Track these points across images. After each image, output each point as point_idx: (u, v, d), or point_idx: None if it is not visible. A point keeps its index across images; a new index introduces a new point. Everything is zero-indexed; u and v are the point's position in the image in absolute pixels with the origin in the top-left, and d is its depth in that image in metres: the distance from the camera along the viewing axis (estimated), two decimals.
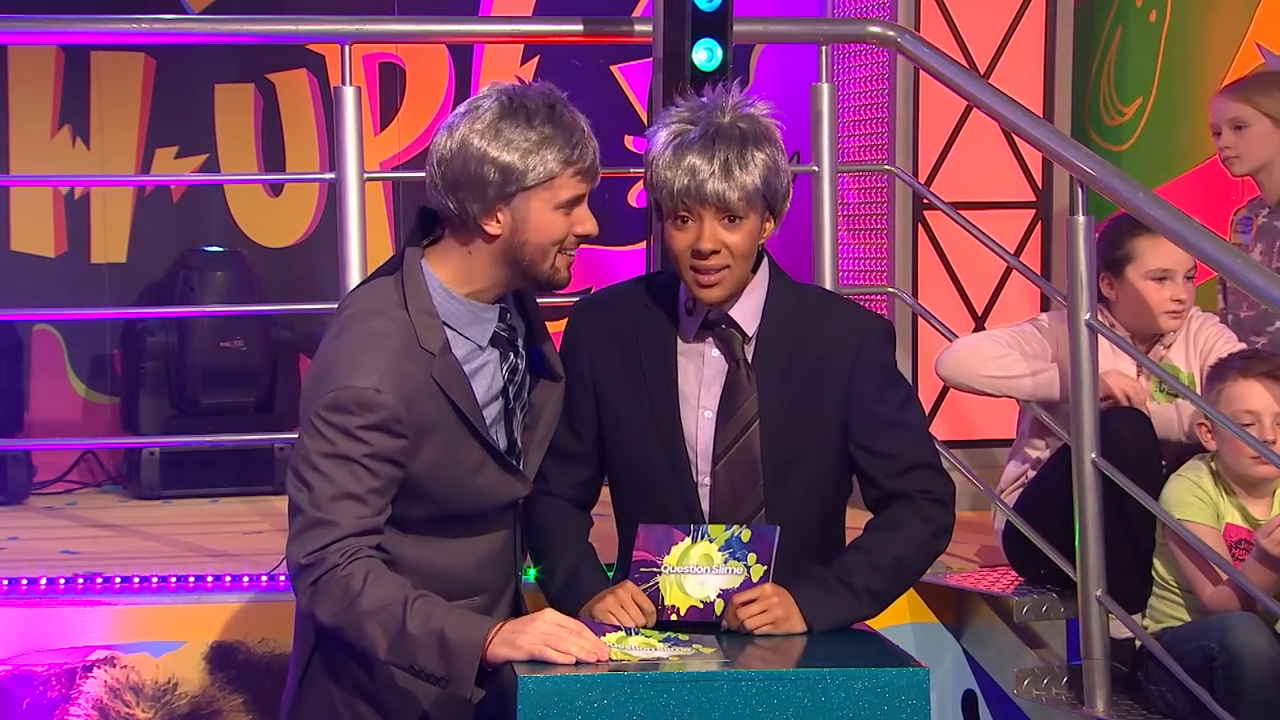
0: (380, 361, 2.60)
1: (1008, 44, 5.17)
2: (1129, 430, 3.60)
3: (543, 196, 2.66)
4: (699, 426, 2.78)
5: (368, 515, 2.60)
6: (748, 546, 2.68)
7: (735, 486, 2.76)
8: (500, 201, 2.65)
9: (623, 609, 2.67)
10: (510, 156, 2.63)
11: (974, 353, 3.74)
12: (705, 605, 2.68)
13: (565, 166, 2.65)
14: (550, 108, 2.66)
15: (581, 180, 2.68)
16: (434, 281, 2.70)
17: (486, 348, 2.73)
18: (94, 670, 3.72)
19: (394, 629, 2.50)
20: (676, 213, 2.73)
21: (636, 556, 2.71)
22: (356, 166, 4.02)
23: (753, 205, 2.72)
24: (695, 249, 2.71)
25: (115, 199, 5.73)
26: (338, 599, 2.54)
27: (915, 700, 2.44)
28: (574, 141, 2.66)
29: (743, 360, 2.79)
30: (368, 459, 2.58)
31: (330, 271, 4.15)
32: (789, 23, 5.12)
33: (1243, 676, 3.29)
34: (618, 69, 5.80)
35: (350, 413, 2.57)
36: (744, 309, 2.80)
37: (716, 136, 2.71)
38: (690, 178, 2.69)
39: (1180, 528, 3.47)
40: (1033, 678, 3.80)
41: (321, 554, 2.57)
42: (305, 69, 5.80)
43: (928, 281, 5.14)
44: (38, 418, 5.54)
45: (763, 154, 2.72)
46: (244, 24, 4.44)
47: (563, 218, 2.68)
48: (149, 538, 4.56)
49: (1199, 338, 3.84)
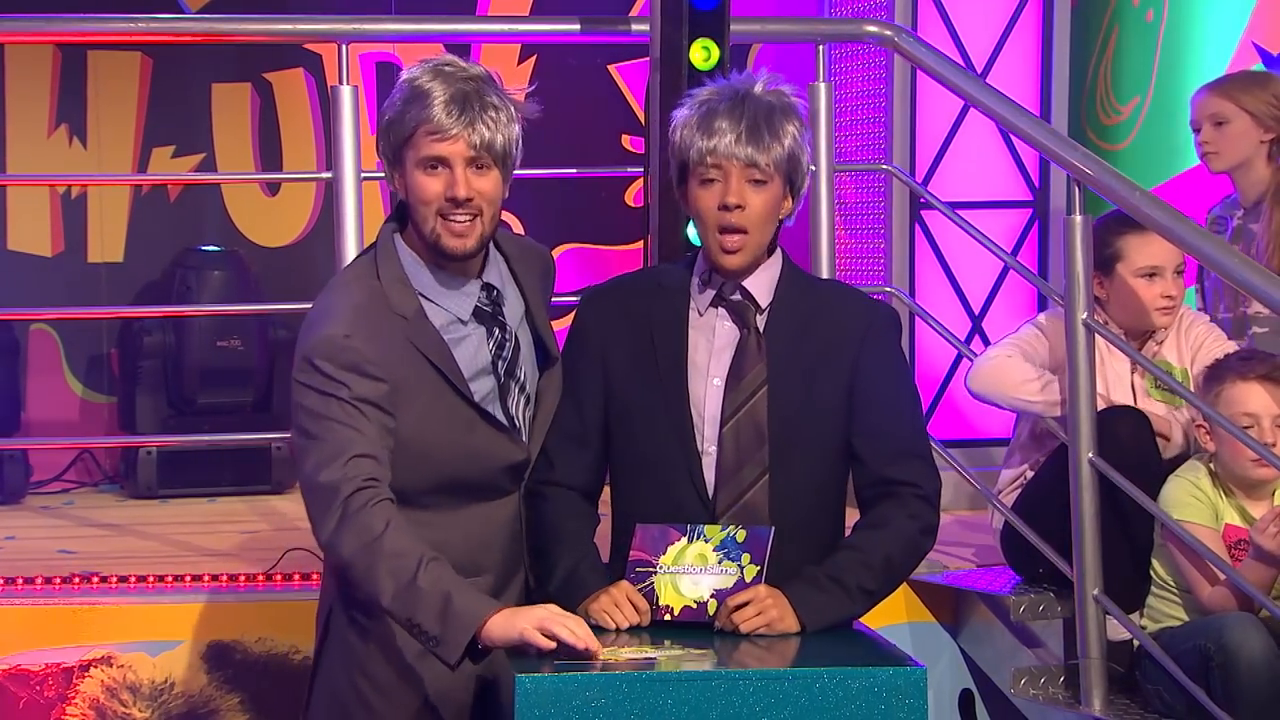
0: (346, 314, 2.67)
1: (1005, 43, 5.17)
2: (1127, 430, 3.60)
3: (410, 155, 2.70)
4: (707, 394, 2.79)
5: (370, 450, 2.61)
6: (742, 547, 2.69)
7: (741, 451, 2.76)
8: (394, 163, 2.73)
9: (617, 608, 2.67)
10: (391, 110, 2.71)
11: (1007, 375, 3.74)
12: (699, 605, 2.68)
13: (420, 124, 2.66)
14: (440, 69, 2.69)
15: (438, 141, 2.66)
16: (405, 252, 2.75)
17: (469, 321, 2.75)
18: (91, 670, 3.72)
19: (405, 578, 2.51)
20: (704, 174, 2.76)
21: (633, 556, 2.71)
22: (354, 166, 4.02)
23: (778, 170, 2.76)
24: (723, 203, 2.74)
25: (112, 198, 5.73)
26: (360, 533, 2.55)
27: (912, 699, 2.44)
28: (437, 102, 2.65)
29: (754, 328, 2.81)
30: (354, 400, 2.62)
31: (327, 271, 4.15)
32: (786, 22, 5.12)
33: (1239, 676, 3.30)
34: (615, 68, 5.80)
35: (324, 358, 2.64)
36: (758, 282, 2.83)
37: (747, 100, 2.76)
38: (719, 137, 2.74)
39: (1178, 528, 3.47)
40: (1030, 677, 3.80)
41: (340, 475, 2.58)
42: (302, 68, 5.80)
43: (925, 280, 5.14)
44: (35, 417, 5.53)
45: (791, 126, 2.77)
46: (241, 23, 4.45)
47: (427, 177, 2.68)
48: (146, 537, 4.56)
49: (1190, 334, 3.84)
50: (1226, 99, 4.04)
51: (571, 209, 5.71)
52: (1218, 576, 3.44)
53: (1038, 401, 3.70)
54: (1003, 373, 3.74)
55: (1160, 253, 3.72)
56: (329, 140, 4.10)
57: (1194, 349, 3.82)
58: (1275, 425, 3.45)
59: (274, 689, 3.76)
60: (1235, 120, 4.03)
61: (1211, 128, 4.05)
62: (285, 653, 3.77)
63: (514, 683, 2.40)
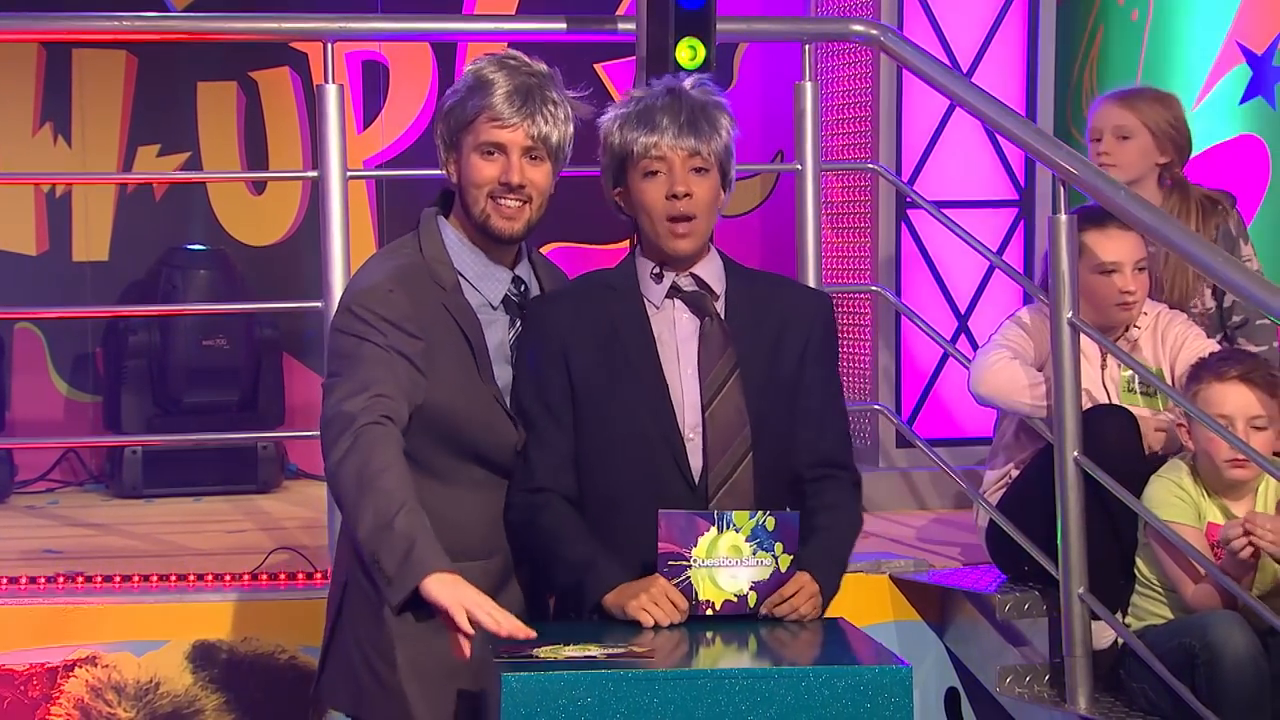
0: (393, 274, 2.78)
1: (990, 43, 5.18)
2: (1114, 430, 3.61)
3: (468, 141, 2.82)
4: (683, 384, 2.84)
5: (394, 392, 2.68)
6: (773, 535, 2.73)
7: (726, 433, 2.81)
8: (451, 147, 2.85)
9: (656, 605, 2.69)
10: (454, 97, 2.84)
11: (1012, 380, 3.75)
12: (739, 599, 2.72)
13: (481, 111, 2.79)
14: (505, 61, 2.83)
15: (498, 128, 2.79)
16: (449, 231, 2.87)
17: (498, 308, 2.85)
18: (75, 669, 3.71)
19: (385, 517, 2.55)
20: (647, 167, 2.83)
21: (662, 549, 2.72)
22: (339, 164, 4.02)
23: (716, 161, 2.84)
24: (671, 193, 2.81)
25: (97, 197, 5.72)
26: (362, 465, 2.60)
27: (898, 698, 2.45)
28: (499, 92, 2.79)
29: (714, 315, 2.87)
30: (388, 349, 2.70)
31: (313, 270, 4.14)
32: (772, 21, 5.13)
33: (1224, 674, 3.31)
34: (601, 67, 5.80)
35: (367, 308, 2.73)
36: (709, 271, 2.90)
37: (681, 95, 2.85)
38: (660, 130, 2.81)
39: (1163, 526, 3.48)
40: (1015, 675, 3.81)
41: (362, 406, 2.64)
42: (288, 67, 5.79)
43: (911, 279, 5.15)
44: (19, 416, 5.52)
45: (724, 121, 2.86)
46: (226, 22, 4.44)
47: (483, 161, 2.80)
48: (131, 536, 4.55)
49: (1167, 334, 3.85)
50: (1132, 113, 4.04)
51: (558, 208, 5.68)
52: (1200, 574, 3.45)
53: (1040, 405, 3.71)
54: (1006, 378, 3.75)
55: (1119, 249, 3.74)
56: (315, 139, 4.08)
57: (1174, 348, 3.83)
58: (1250, 426, 3.46)
59: (259, 689, 3.75)
60: (1138, 136, 4.04)
61: (1114, 140, 4.04)
62: (270, 652, 3.77)
63: (500, 681, 2.40)
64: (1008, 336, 3.85)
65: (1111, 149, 4.04)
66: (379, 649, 2.78)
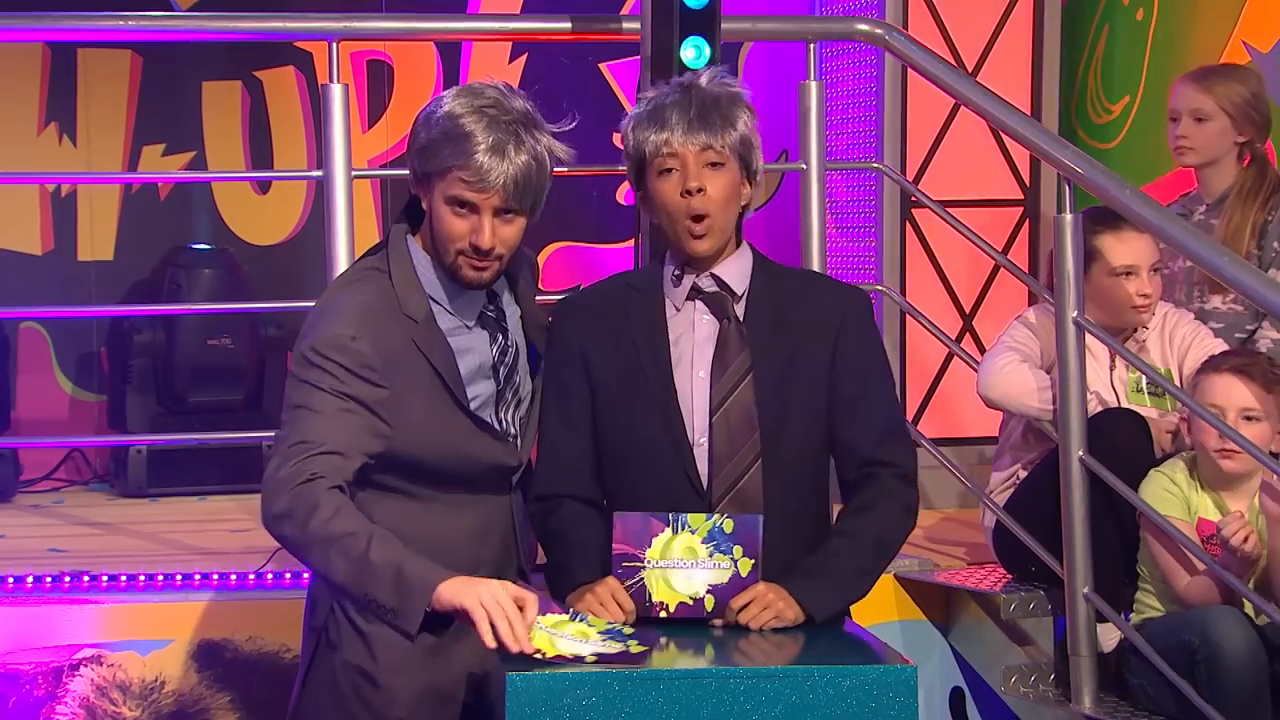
0: (355, 314, 2.68)
1: (995, 42, 5.18)
2: (1122, 432, 3.60)
3: (439, 187, 2.71)
4: (694, 388, 2.80)
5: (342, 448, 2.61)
6: (731, 538, 2.68)
7: (733, 438, 2.77)
8: (422, 179, 2.74)
9: (602, 606, 2.67)
10: (429, 136, 2.70)
11: (1021, 383, 3.75)
12: (695, 602, 2.68)
13: (458, 169, 2.67)
14: (484, 110, 2.68)
15: (466, 188, 2.67)
16: (418, 254, 2.77)
17: (474, 326, 2.78)
18: (81, 669, 3.71)
19: (356, 555, 2.51)
20: (661, 165, 2.79)
21: (616, 550, 2.70)
22: (344, 164, 4.02)
23: (733, 153, 2.79)
24: (684, 189, 2.76)
25: (102, 197, 5.72)
26: (304, 518, 2.54)
27: (903, 697, 2.45)
28: (477, 150, 2.65)
29: (733, 318, 2.82)
30: (343, 396, 2.63)
31: (318, 269, 4.14)
32: (777, 20, 5.13)
33: (1224, 670, 3.31)
34: (606, 66, 5.80)
35: (326, 356, 2.65)
36: (731, 270, 2.85)
37: (693, 91, 2.80)
38: (670, 127, 2.77)
39: (1163, 521, 3.48)
40: (1020, 674, 3.80)
41: (300, 466, 2.58)
42: (293, 66, 5.80)
43: (915, 279, 5.15)
44: (24, 415, 5.52)
45: (741, 113, 2.81)
46: (231, 21, 4.44)
47: (453, 216, 2.70)
48: (136, 536, 4.56)
49: (1175, 335, 3.85)
50: (1209, 95, 4.05)
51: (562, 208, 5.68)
52: (1196, 567, 3.45)
53: (1048, 409, 3.70)
54: (1015, 381, 3.75)
55: (1136, 251, 3.74)
56: (319, 138, 4.08)
57: (1181, 349, 3.83)
58: (1242, 417, 3.46)
59: (264, 688, 3.76)
60: (1215, 118, 4.04)
61: (1192, 123, 4.05)
62: (275, 651, 3.77)
63: (504, 681, 2.40)
64: (1015, 339, 3.85)
65: (1189, 131, 4.05)
66: (367, 675, 2.75)
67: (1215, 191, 4.09)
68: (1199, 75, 4.15)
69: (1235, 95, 4.04)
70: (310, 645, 2.83)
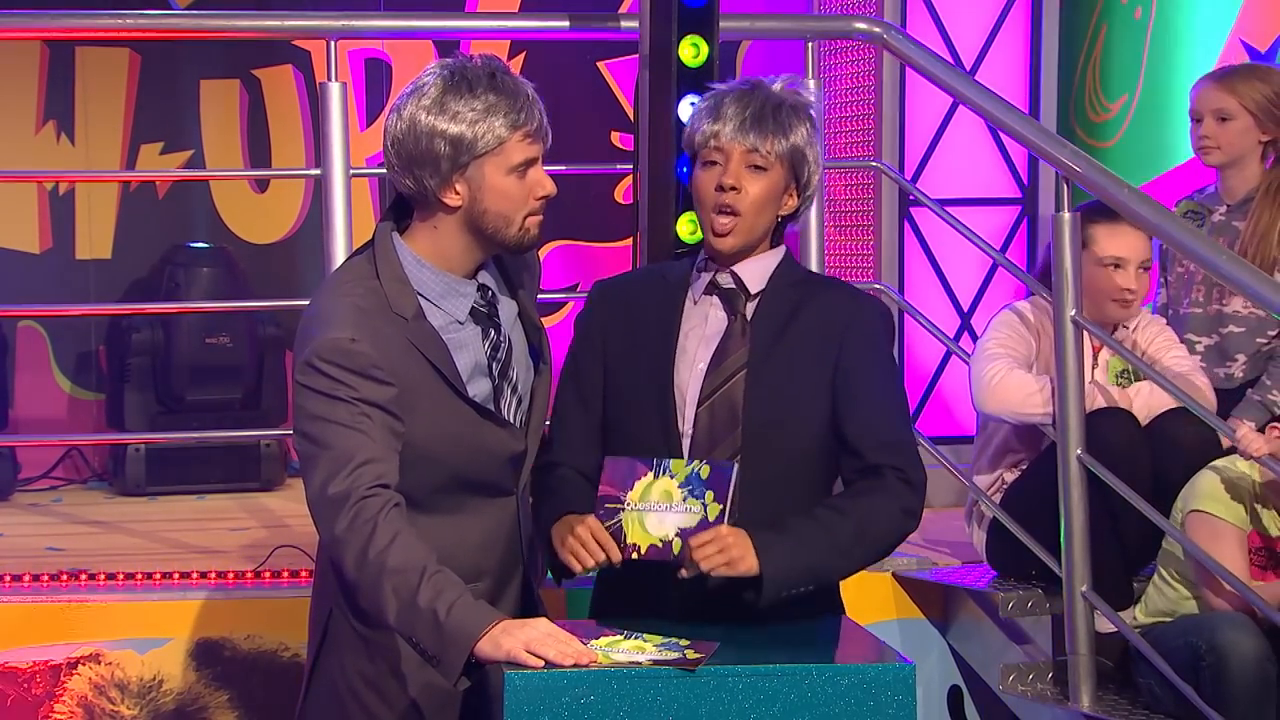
0: (350, 316, 2.66)
1: (993, 40, 5.18)
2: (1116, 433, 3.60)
3: (495, 163, 2.70)
4: (691, 377, 2.81)
5: (378, 454, 2.60)
6: (705, 484, 2.68)
7: (714, 431, 2.77)
8: (455, 173, 2.70)
9: (584, 548, 2.68)
10: (459, 128, 2.68)
11: (1014, 392, 3.73)
12: (664, 544, 2.68)
13: (513, 130, 2.69)
14: (491, 75, 2.70)
15: (531, 142, 2.71)
16: (406, 253, 2.75)
17: (466, 321, 2.77)
18: (79, 667, 3.72)
19: (406, 596, 2.50)
20: (706, 156, 2.81)
21: (601, 491, 2.71)
22: (342, 162, 4.02)
23: (780, 160, 2.79)
24: (719, 184, 2.77)
25: (100, 195, 5.72)
26: (366, 548, 2.53)
27: (901, 696, 2.45)
28: (519, 106, 2.69)
29: (741, 315, 2.83)
30: (359, 403, 2.61)
31: (316, 267, 4.15)
32: (775, 19, 5.13)
33: (1230, 676, 3.30)
34: (604, 65, 5.80)
35: (331, 362, 2.62)
36: (752, 270, 2.85)
37: (757, 89, 2.81)
38: (724, 122, 2.78)
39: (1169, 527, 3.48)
40: (1018, 673, 3.80)
41: (348, 485, 2.56)
42: (291, 65, 5.79)
43: (914, 277, 5.15)
44: (22, 414, 5.53)
45: (801, 125, 2.81)
46: (230, 19, 4.44)
47: (517, 181, 2.72)
48: (134, 534, 4.56)
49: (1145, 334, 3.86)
50: (1231, 95, 4.04)
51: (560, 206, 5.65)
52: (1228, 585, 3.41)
53: (1050, 410, 3.69)
54: (1014, 388, 3.73)
55: (1127, 245, 3.74)
56: (318, 137, 4.08)
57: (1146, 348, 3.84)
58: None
59: (263, 686, 3.76)
60: (1239, 118, 4.03)
61: (1215, 122, 4.04)
62: (274, 650, 3.77)
63: (503, 679, 2.40)
64: (999, 339, 3.83)
65: (1212, 132, 4.04)
66: (368, 680, 2.75)
67: (1238, 193, 4.08)
68: (1220, 75, 4.14)
69: (1258, 94, 4.03)
70: (314, 646, 2.83)
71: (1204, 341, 4.03)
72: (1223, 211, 4.10)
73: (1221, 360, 4.03)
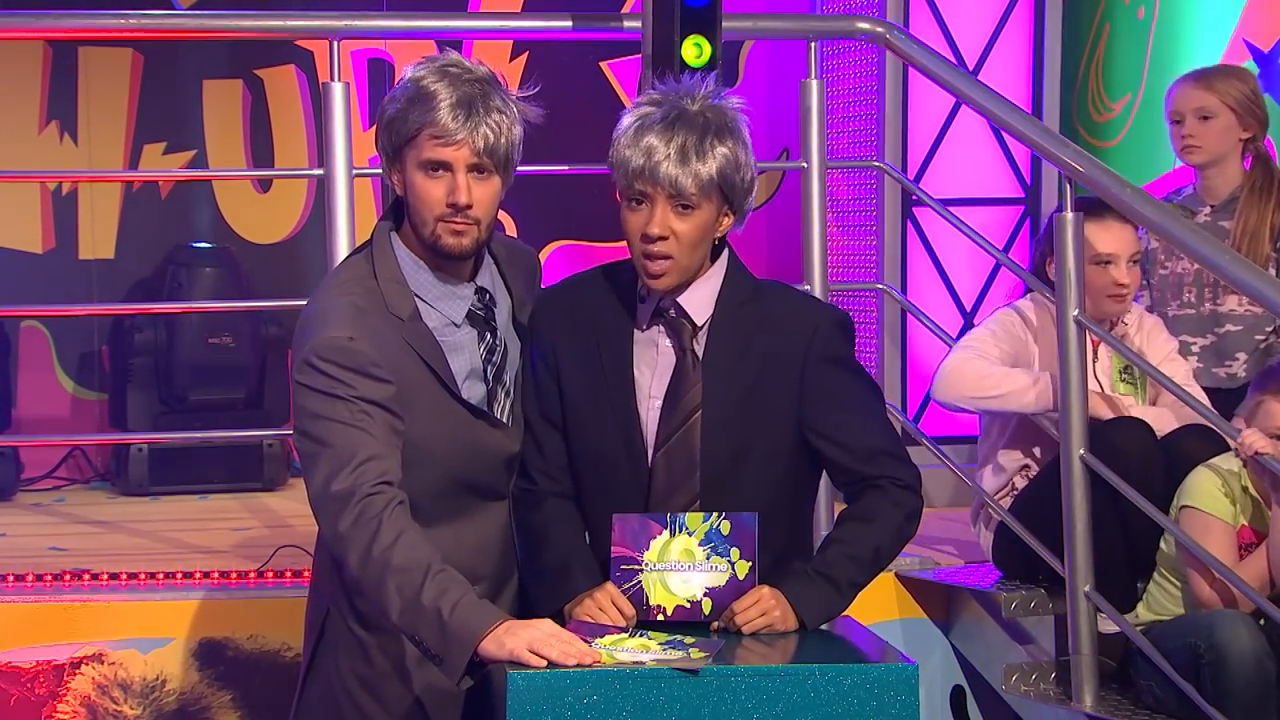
0: (347, 315, 2.66)
1: (996, 40, 5.18)
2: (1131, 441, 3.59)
3: (411, 155, 2.68)
4: (649, 414, 2.76)
5: (380, 451, 2.59)
6: (729, 540, 2.66)
7: (672, 476, 2.73)
8: (394, 159, 2.71)
9: (602, 612, 2.65)
10: (391, 111, 2.69)
11: (959, 376, 3.74)
12: (693, 604, 2.66)
13: (425, 127, 2.65)
14: (446, 69, 2.66)
15: (441, 145, 2.65)
16: (402, 253, 2.74)
17: (462, 324, 2.75)
18: (82, 667, 3.72)
19: (410, 594, 2.50)
20: (631, 194, 2.70)
21: (615, 553, 2.68)
22: (345, 162, 4.02)
23: (707, 195, 2.69)
24: (644, 233, 2.70)
25: (103, 195, 5.72)
26: (371, 546, 2.52)
27: (904, 696, 2.45)
28: (441, 106, 2.63)
29: (690, 351, 2.76)
30: (359, 400, 2.61)
31: (319, 267, 4.14)
32: (778, 19, 5.13)
33: (1230, 674, 3.30)
34: (607, 65, 5.80)
35: (330, 360, 2.62)
36: (695, 299, 2.77)
37: (678, 120, 2.68)
38: (646, 158, 2.67)
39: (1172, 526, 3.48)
40: (1021, 673, 3.80)
41: (351, 483, 2.55)
42: (294, 65, 5.80)
43: (917, 277, 5.15)
44: (25, 414, 5.53)
45: (724, 147, 2.69)
46: (232, 19, 4.44)
47: (426, 179, 2.67)
48: (137, 534, 4.56)
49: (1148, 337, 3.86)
50: (1212, 93, 4.05)
51: (563, 206, 5.71)
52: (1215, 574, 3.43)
53: (1003, 394, 3.68)
54: (958, 375, 3.74)
55: (1116, 241, 3.74)
56: (320, 137, 4.09)
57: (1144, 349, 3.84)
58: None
59: (265, 686, 3.76)
60: (1221, 115, 4.04)
61: (1196, 121, 4.05)
62: (277, 650, 3.78)
63: (506, 679, 2.40)
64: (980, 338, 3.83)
65: (1195, 131, 4.05)
66: (363, 680, 2.75)
67: (1220, 193, 4.08)
68: (1198, 75, 4.15)
69: (1237, 91, 4.05)
70: (310, 645, 2.83)
71: (1199, 342, 4.03)
72: (1207, 212, 4.10)
73: (1220, 360, 4.03)
